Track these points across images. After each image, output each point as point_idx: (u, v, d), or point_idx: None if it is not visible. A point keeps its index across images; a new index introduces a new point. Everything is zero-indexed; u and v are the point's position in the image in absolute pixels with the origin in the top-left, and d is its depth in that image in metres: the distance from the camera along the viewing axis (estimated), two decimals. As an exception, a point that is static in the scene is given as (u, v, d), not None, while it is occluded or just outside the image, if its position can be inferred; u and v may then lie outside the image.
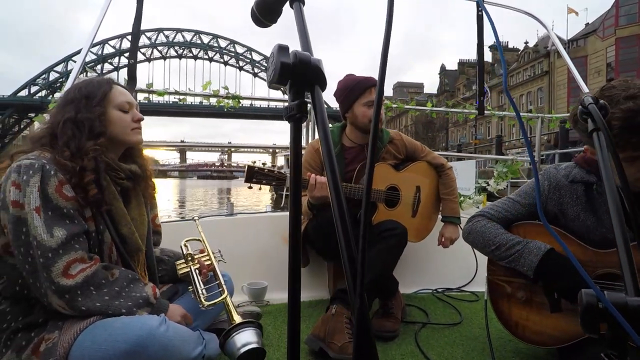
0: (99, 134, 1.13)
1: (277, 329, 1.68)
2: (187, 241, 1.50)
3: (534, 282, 1.27)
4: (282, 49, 0.54)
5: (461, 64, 51.15)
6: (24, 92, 77.93)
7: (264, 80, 2.31)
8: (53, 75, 78.70)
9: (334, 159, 0.49)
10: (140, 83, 2.38)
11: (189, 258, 1.41)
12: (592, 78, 27.98)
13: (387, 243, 1.65)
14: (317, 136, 1.98)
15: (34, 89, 78.88)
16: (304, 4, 0.65)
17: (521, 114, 2.76)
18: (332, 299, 1.54)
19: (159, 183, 1.41)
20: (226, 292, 1.32)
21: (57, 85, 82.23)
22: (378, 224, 1.73)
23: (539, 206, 0.72)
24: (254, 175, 1.53)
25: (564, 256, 1.21)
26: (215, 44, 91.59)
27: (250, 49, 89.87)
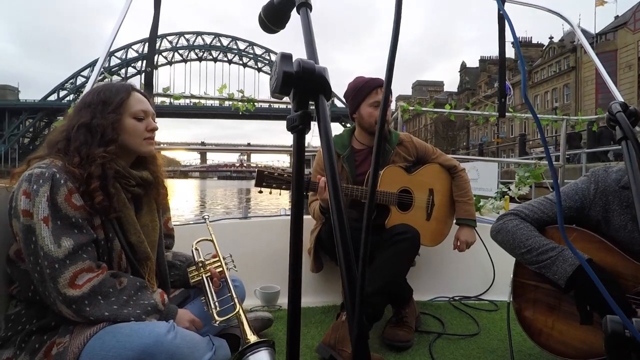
0: (109, 140, 1.13)
1: (288, 335, 1.66)
2: (198, 243, 1.50)
3: (564, 292, 1.20)
4: (285, 57, 0.52)
5: (482, 61, 50.06)
6: (53, 97, 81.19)
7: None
8: (80, 80, 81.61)
9: (335, 169, 0.48)
10: (162, 86, 2.42)
11: (200, 265, 1.40)
12: (622, 73, 26.93)
13: (398, 247, 1.61)
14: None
15: (62, 93, 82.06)
16: (310, 9, 0.62)
17: (545, 116, 2.65)
18: (343, 305, 1.52)
19: (180, 184, 1.41)
20: (238, 306, 1.31)
21: (84, 89, 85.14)
22: (390, 228, 1.70)
23: (559, 215, 0.68)
24: (264, 179, 1.52)
25: (602, 268, 1.13)
26: (235, 46, 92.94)
27: (268, 50, 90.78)
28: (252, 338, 1.22)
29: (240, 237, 2.12)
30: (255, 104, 2.19)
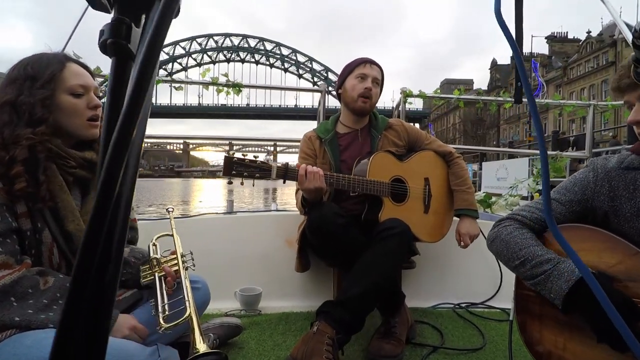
0: (38, 120, 1.00)
1: (261, 343, 1.48)
2: (158, 238, 1.35)
3: (564, 313, 0.97)
4: None
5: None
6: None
7: (308, 80, 2.16)
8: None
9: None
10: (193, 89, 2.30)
11: (154, 263, 1.25)
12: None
13: (385, 245, 1.40)
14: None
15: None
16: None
17: (570, 102, 2.36)
18: (317, 314, 1.33)
19: (208, 183, 1.27)
20: (189, 311, 1.14)
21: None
22: (380, 222, 1.50)
23: (546, 209, 0.49)
24: (233, 166, 1.35)
25: (608, 283, 0.90)
26: (262, 47, 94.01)
27: (295, 51, 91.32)
28: (202, 347, 1.06)
29: (223, 233, 1.97)
30: (239, 90, 2.03)
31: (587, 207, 1.04)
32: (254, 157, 1.39)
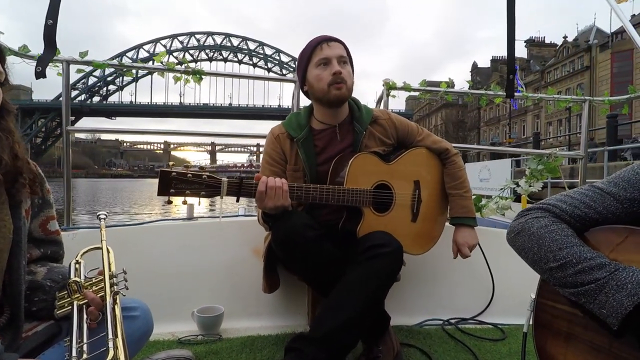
0: None
1: (218, 379, 1.23)
2: (84, 254, 1.08)
3: (616, 337, 0.76)
4: None
5: (494, 61, 49.10)
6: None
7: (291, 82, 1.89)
8: (91, 80, 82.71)
9: None
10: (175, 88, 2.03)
11: (74, 287, 0.98)
12: (638, 72, 26.18)
13: (374, 266, 1.17)
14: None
15: (73, 93, 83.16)
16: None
17: (565, 96, 2.20)
18: (286, 351, 1.09)
19: None
20: (112, 353, 0.88)
21: (95, 89, 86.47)
22: (364, 237, 1.26)
23: None
24: (171, 183, 1.09)
25: None
26: (245, 47, 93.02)
27: (278, 51, 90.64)
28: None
29: (180, 243, 1.71)
30: (200, 78, 1.76)
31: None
32: (200, 168, 1.14)
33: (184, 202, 1.14)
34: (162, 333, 1.52)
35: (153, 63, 1.88)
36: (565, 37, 36.37)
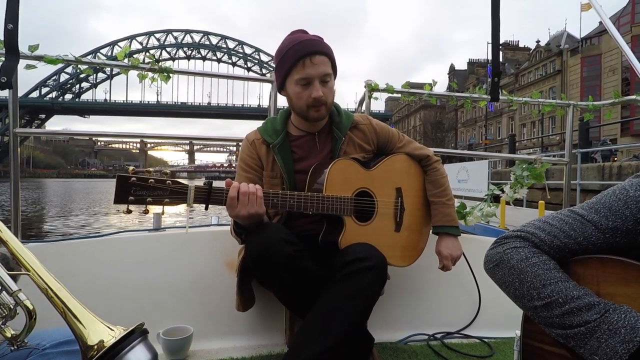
0: None
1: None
2: None
3: None
4: None
5: (471, 63, 50.18)
6: (34, 94, 79.08)
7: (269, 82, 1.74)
8: (63, 77, 79.70)
9: None
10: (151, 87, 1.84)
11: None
12: (606, 77, 27.33)
13: (356, 284, 1.07)
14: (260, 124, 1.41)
15: (44, 90, 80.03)
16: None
17: (549, 100, 2.16)
18: None
19: None
20: None
21: (67, 86, 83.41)
22: (344, 250, 1.16)
23: None
24: (129, 190, 0.96)
25: None
26: (224, 45, 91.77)
27: (258, 50, 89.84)
28: None
29: (144, 257, 1.56)
30: (168, 77, 1.61)
31: (638, 240, 0.75)
32: (164, 173, 1.02)
33: (145, 211, 1.01)
34: None
35: (128, 61, 1.72)
36: (538, 41, 37.57)
